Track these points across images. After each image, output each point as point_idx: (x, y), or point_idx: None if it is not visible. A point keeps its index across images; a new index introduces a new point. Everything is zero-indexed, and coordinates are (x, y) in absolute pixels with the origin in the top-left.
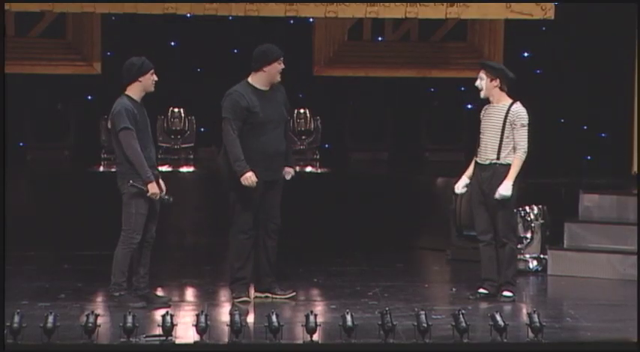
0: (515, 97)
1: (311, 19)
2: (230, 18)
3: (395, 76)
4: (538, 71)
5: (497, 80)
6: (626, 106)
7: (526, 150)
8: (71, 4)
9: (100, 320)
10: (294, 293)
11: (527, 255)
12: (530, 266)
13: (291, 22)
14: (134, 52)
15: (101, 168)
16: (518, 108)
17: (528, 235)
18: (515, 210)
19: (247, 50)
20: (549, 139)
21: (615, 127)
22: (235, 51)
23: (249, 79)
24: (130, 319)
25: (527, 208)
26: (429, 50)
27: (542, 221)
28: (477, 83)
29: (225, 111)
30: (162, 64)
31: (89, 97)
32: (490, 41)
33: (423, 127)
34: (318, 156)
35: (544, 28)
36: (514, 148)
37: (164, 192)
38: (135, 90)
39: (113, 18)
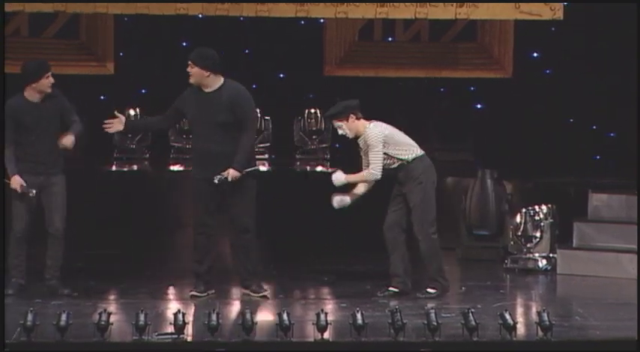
0: (369, 119)
1: (322, 20)
2: (241, 18)
3: (405, 76)
4: (547, 71)
5: (351, 116)
6: (635, 106)
7: (375, 172)
8: (84, 4)
9: (112, 318)
10: (267, 292)
11: (537, 254)
12: (540, 265)
13: (302, 22)
14: (147, 52)
15: (113, 168)
16: (368, 132)
17: (537, 234)
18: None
19: (258, 50)
20: (558, 139)
21: (624, 127)
22: (246, 51)
23: None
24: (142, 317)
25: (536, 207)
26: (440, 50)
27: (551, 220)
28: (340, 132)
29: None
30: (174, 64)
31: (102, 97)
32: (500, 41)
33: (432, 127)
34: (328, 156)
35: (553, 29)
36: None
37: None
38: (29, 92)
39: (126, 19)
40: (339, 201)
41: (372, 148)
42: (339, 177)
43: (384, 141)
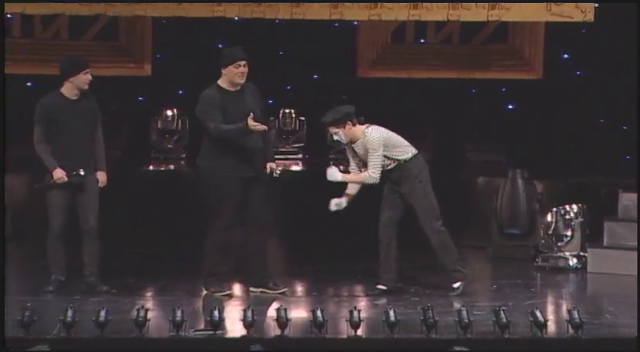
0: (364, 122)
1: (355, 22)
2: (277, 21)
3: (437, 78)
4: (578, 72)
5: (348, 123)
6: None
7: (374, 175)
8: (123, 7)
9: (150, 315)
10: (286, 289)
11: (568, 253)
12: (571, 263)
13: (336, 24)
14: (183, 54)
15: (151, 167)
16: (369, 136)
17: (568, 233)
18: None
19: (293, 52)
20: (589, 139)
21: None
22: (281, 53)
23: (219, 81)
24: (179, 313)
25: (567, 207)
26: (471, 52)
27: (582, 219)
28: (336, 138)
29: (202, 113)
30: (210, 66)
31: (140, 98)
32: (531, 43)
33: (464, 128)
34: None
35: (584, 30)
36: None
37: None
38: (67, 87)
39: (163, 21)
40: (337, 203)
41: (374, 152)
42: (334, 174)
43: (384, 144)
